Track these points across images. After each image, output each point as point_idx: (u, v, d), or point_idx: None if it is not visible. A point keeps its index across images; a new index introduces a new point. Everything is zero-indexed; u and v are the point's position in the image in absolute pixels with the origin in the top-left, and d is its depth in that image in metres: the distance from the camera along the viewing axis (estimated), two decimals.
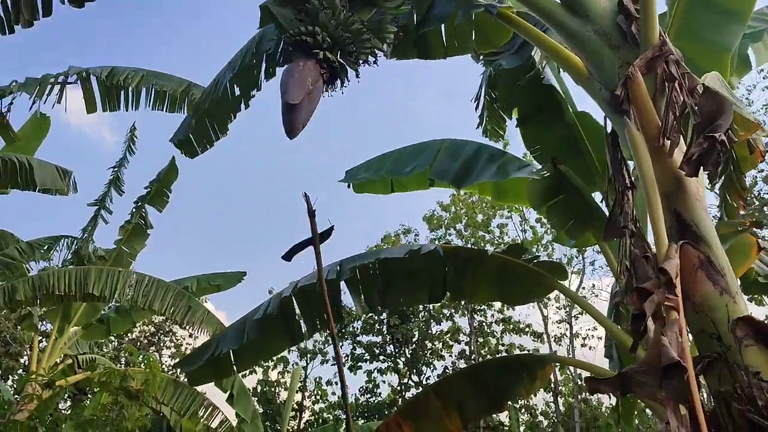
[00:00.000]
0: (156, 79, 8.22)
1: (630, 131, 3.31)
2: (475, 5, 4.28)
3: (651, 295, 2.88)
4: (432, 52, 5.00)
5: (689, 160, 3.09)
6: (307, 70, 2.91)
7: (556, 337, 26.58)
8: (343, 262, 6.41)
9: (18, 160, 9.05)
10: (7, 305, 10.02)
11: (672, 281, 2.87)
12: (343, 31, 3.06)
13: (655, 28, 3.47)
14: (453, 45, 4.99)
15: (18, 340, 22.87)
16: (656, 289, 2.90)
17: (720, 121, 2.98)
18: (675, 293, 2.85)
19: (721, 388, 2.85)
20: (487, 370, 6.08)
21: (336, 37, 3.05)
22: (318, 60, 2.96)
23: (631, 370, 2.82)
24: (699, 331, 3.01)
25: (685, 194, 3.21)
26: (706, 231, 3.12)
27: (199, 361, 6.82)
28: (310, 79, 2.88)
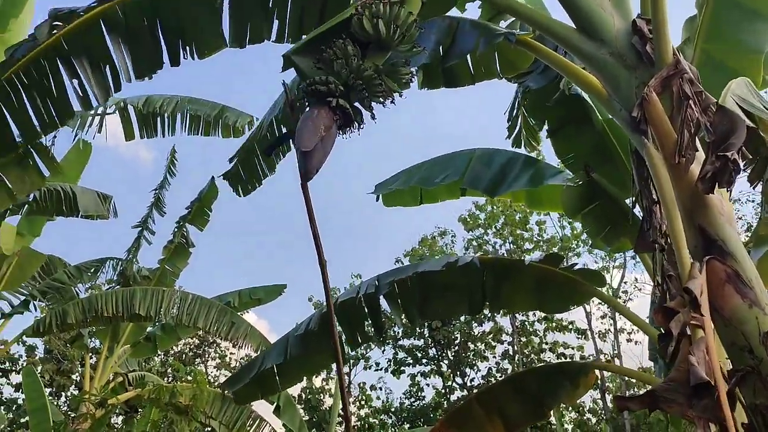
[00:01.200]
0: (190, 104, 8.45)
1: (648, 151, 3.33)
2: (495, 35, 4.33)
3: (677, 314, 2.90)
4: (459, 80, 5.12)
5: (704, 178, 3.10)
6: (320, 117, 3.02)
7: (601, 333, 26.29)
8: (380, 276, 6.50)
9: (62, 189, 9.38)
10: (59, 328, 10.37)
11: (697, 300, 2.88)
12: (356, 79, 3.17)
13: (669, 48, 3.48)
14: (480, 72, 5.10)
15: (69, 357, 23.56)
16: (681, 308, 2.92)
17: (733, 140, 2.97)
18: (700, 312, 2.86)
19: (756, 401, 2.85)
20: (530, 378, 6.10)
21: (349, 84, 3.17)
22: (331, 107, 3.07)
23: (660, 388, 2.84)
24: (731, 344, 3.01)
25: (708, 209, 3.20)
26: (732, 244, 3.11)
27: (244, 379, 6.98)
28: (323, 126, 3.00)
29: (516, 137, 7.11)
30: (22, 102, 4.65)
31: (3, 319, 11.68)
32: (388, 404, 28.04)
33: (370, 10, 3.38)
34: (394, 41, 3.39)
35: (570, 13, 3.94)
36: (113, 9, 4.34)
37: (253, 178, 5.73)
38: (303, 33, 4.45)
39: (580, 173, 5.71)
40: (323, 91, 3.10)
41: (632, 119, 3.42)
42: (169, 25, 4.43)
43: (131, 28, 4.43)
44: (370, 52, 3.39)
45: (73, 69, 4.52)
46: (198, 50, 4.53)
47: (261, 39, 4.49)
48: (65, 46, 4.44)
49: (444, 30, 4.82)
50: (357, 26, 3.38)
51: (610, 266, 25.62)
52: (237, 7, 4.35)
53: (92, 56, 4.51)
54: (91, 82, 4.55)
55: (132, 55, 4.53)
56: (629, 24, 3.76)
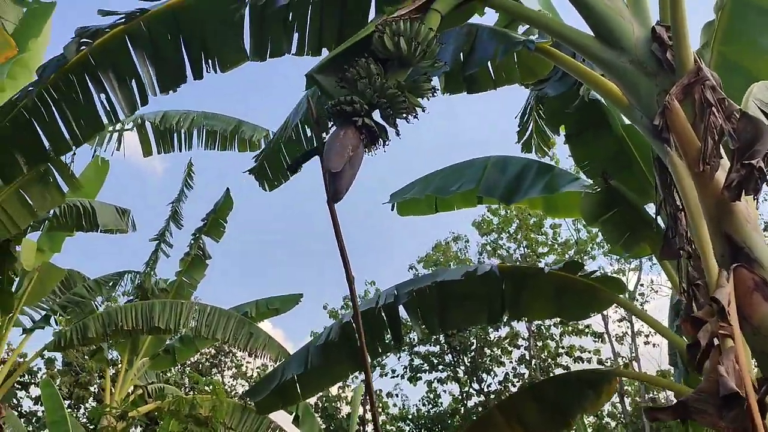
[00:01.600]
0: (206, 119, 8.54)
1: (672, 159, 3.32)
2: (514, 43, 4.34)
3: (705, 323, 2.89)
4: (481, 86, 5.11)
5: (730, 187, 3.08)
6: (347, 137, 3.06)
7: (618, 336, 26.10)
8: (399, 286, 6.51)
9: (81, 204, 9.49)
10: (80, 342, 10.48)
11: (725, 309, 2.87)
12: (379, 97, 3.21)
13: (690, 54, 3.45)
14: (501, 77, 5.09)
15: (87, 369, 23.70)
16: (709, 318, 2.91)
17: (758, 147, 2.96)
18: (728, 321, 2.85)
19: None
20: (552, 387, 6.09)
21: (373, 103, 3.21)
22: (357, 126, 3.10)
23: (690, 399, 2.83)
24: (760, 353, 2.98)
25: (734, 216, 3.18)
26: (759, 252, 3.09)
27: (266, 390, 7.00)
28: (350, 146, 3.04)
29: (526, 142, 7.12)
30: (52, 116, 4.79)
31: (24, 334, 11.81)
32: (405, 411, 27.99)
33: (390, 27, 3.42)
34: (415, 58, 3.42)
35: (589, 21, 3.93)
36: (138, 25, 4.46)
37: (279, 173, 5.83)
38: (322, 45, 4.51)
39: (599, 180, 5.70)
40: (349, 111, 3.14)
41: (654, 127, 3.41)
42: (192, 39, 4.52)
43: (155, 44, 4.54)
44: (392, 69, 3.42)
45: (100, 84, 4.66)
46: (220, 64, 4.62)
47: (281, 52, 4.55)
48: (92, 62, 4.58)
49: (463, 37, 4.84)
50: (378, 44, 3.42)
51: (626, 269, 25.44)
52: (257, 22, 4.41)
53: (119, 71, 4.64)
54: (118, 96, 4.69)
55: (157, 69, 4.65)
56: (648, 31, 3.74)
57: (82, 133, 4.94)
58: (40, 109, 4.75)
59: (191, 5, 4.37)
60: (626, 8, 3.90)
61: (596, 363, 25.88)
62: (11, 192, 7.70)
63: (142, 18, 4.44)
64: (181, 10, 4.40)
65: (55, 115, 4.77)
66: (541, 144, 6.77)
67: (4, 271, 9.38)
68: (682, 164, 3.34)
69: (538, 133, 6.70)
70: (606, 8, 3.83)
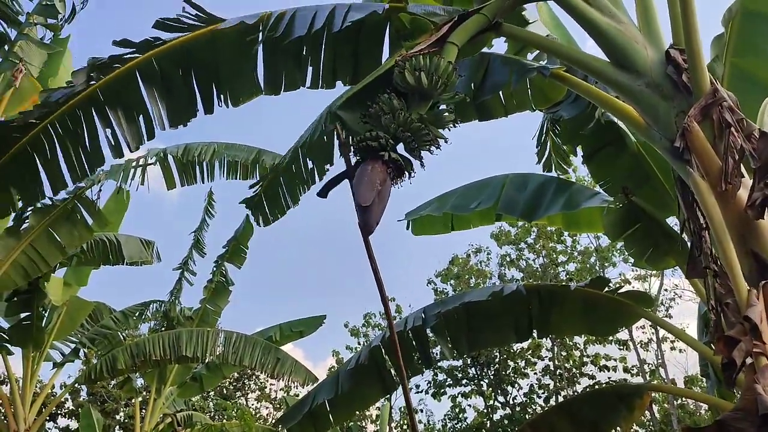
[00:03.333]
0: (227, 150, 8.71)
1: (694, 180, 3.36)
2: (527, 70, 4.41)
3: (738, 343, 2.92)
4: (492, 113, 5.15)
5: (753, 205, 3.13)
6: (375, 173, 3.13)
7: (642, 342, 25.86)
8: (426, 308, 6.57)
9: (107, 238, 9.67)
10: (110, 374, 10.61)
11: (758, 327, 2.91)
12: (404, 132, 3.30)
13: (706, 76, 3.50)
14: (512, 104, 5.13)
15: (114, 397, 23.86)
16: (743, 337, 2.94)
17: None
18: (762, 339, 2.88)
19: None
20: (584, 403, 6.09)
21: (398, 138, 3.30)
22: (384, 161, 3.19)
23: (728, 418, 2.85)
24: None
25: (759, 234, 3.21)
26: None
27: (297, 416, 7.06)
28: (379, 181, 3.12)
29: (546, 162, 7.17)
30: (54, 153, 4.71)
31: (55, 368, 11.98)
32: (430, 427, 27.84)
33: (410, 62, 3.52)
34: (436, 91, 3.52)
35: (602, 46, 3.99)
36: (149, 60, 4.43)
37: (276, 209, 5.60)
38: (337, 78, 4.51)
39: (619, 196, 5.74)
40: (375, 146, 3.22)
41: (675, 149, 3.45)
42: (204, 74, 4.48)
43: (166, 79, 4.50)
44: (414, 102, 3.51)
45: (107, 119, 4.59)
46: (232, 98, 4.59)
47: (296, 86, 4.53)
48: (101, 97, 4.52)
49: (475, 66, 4.92)
50: (399, 79, 3.51)
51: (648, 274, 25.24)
52: (271, 56, 4.41)
53: (127, 107, 4.57)
54: (124, 131, 4.61)
55: (167, 104, 4.59)
56: (662, 54, 3.79)
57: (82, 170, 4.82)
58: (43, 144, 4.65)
59: (203, 41, 4.35)
60: (639, 32, 3.96)
61: (622, 371, 25.65)
62: (41, 231, 7.91)
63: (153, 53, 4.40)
64: (193, 45, 4.37)
65: (57, 152, 4.68)
66: (561, 162, 6.82)
67: (34, 307, 9.58)
68: (704, 184, 3.38)
69: (556, 151, 6.75)
70: (619, 33, 3.89)
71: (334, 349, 28.61)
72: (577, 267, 25.78)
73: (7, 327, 10.06)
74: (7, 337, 10.08)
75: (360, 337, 27.84)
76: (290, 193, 5.48)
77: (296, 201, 5.49)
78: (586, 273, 24.98)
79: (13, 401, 10.40)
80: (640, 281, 24.85)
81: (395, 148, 3.32)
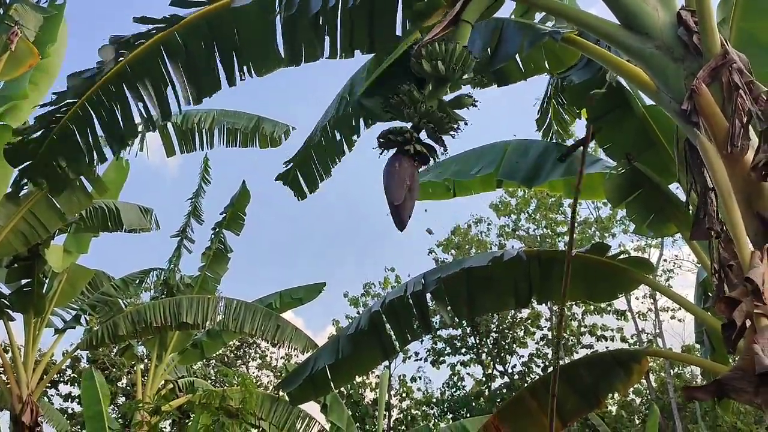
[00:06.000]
0: (226, 118, 8.64)
1: (701, 142, 3.33)
2: (540, 35, 4.36)
3: (739, 304, 2.93)
4: (510, 78, 5.16)
5: (757, 167, 3.11)
6: (403, 169, 3.25)
7: (641, 313, 26.03)
8: (426, 274, 6.57)
9: (106, 206, 9.65)
10: (112, 340, 10.70)
11: (759, 289, 2.90)
12: (427, 123, 3.38)
13: (716, 38, 3.46)
14: (530, 68, 5.15)
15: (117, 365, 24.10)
16: (744, 298, 2.94)
17: None
18: (763, 300, 2.88)
19: None
20: (583, 369, 6.13)
21: (421, 129, 3.40)
22: (410, 155, 3.29)
23: (727, 377, 2.87)
24: None
25: (766, 196, 3.21)
26: None
27: (298, 380, 7.11)
28: (408, 176, 3.24)
29: (546, 129, 7.11)
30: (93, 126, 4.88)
31: (57, 335, 12.06)
32: (429, 395, 28.17)
33: (426, 50, 3.55)
34: (454, 76, 3.57)
35: (613, 9, 3.94)
36: (172, 35, 4.53)
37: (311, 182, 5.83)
38: (354, 47, 4.56)
39: (622, 162, 5.71)
40: (400, 141, 3.32)
41: (683, 111, 3.42)
42: (226, 47, 4.57)
43: (189, 53, 4.61)
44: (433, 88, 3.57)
45: (138, 93, 4.76)
46: (256, 70, 4.68)
47: (316, 57, 4.60)
48: (129, 72, 4.66)
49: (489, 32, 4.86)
50: (417, 68, 3.58)
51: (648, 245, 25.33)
52: (290, 30, 4.47)
53: (155, 81, 4.72)
54: (155, 104, 4.78)
55: (191, 78, 4.71)
56: (674, 16, 3.75)
57: (120, 142, 5.04)
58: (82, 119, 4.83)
59: (224, 15, 4.42)
60: None
61: (620, 341, 25.88)
62: (40, 197, 7.88)
63: (175, 28, 4.49)
64: (214, 19, 4.46)
65: (95, 125, 4.86)
66: (560, 130, 6.78)
67: (35, 274, 9.60)
68: (711, 147, 3.36)
69: (557, 119, 6.70)
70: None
71: (334, 319, 28.81)
72: (577, 237, 25.83)
73: (8, 293, 10.10)
74: (8, 303, 10.13)
75: (359, 306, 28.02)
76: (322, 165, 5.69)
77: (328, 172, 5.72)
78: (585, 243, 25.04)
79: (15, 367, 10.48)
80: (640, 252, 24.92)
81: (419, 139, 3.42)
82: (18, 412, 9.95)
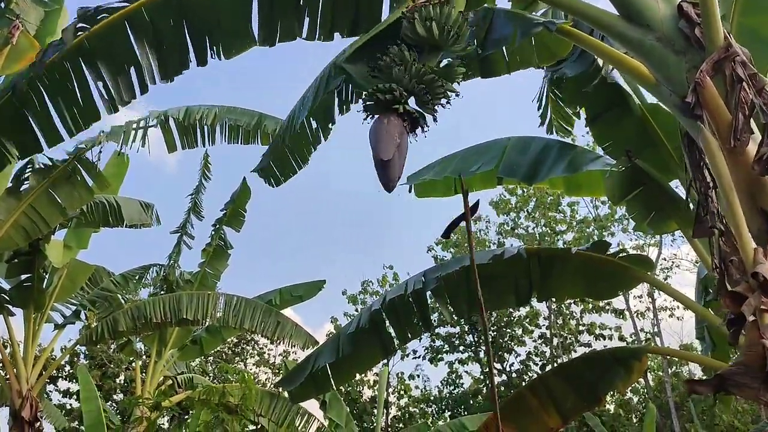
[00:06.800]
0: (228, 114, 8.64)
1: (704, 136, 3.31)
2: (533, 25, 4.32)
3: (746, 299, 2.93)
4: (494, 70, 5.03)
5: (759, 161, 3.11)
6: (392, 126, 3.07)
7: (639, 312, 26.06)
8: (427, 272, 6.58)
9: (107, 201, 9.65)
10: (111, 336, 10.69)
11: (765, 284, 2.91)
12: (417, 83, 3.22)
13: (719, 30, 3.44)
14: (515, 61, 5.03)
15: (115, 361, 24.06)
16: (750, 293, 2.94)
17: None
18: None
19: None
20: (583, 366, 6.15)
21: (411, 90, 3.22)
22: (399, 114, 3.12)
23: (730, 372, 2.87)
24: None
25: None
26: None
27: (299, 378, 7.12)
28: (397, 133, 3.06)
29: (549, 125, 7.10)
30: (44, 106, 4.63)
31: (56, 330, 12.06)
32: (427, 393, 28.18)
33: (420, 12, 3.43)
34: (448, 42, 3.44)
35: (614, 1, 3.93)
36: (138, 10, 4.33)
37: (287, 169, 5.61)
38: (335, 30, 4.41)
39: (622, 159, 5.70)
40: (389, 99, 3.15)
41: (685, 105, 3.40)
42: (196, 24, 4.37)
43: (157, 29, 4.39)
44: (425, 54, 3.44)
45: (98, 72, 4.51)
46: (225, 50, 4.48)
47: (293, 36, 4.41)
48: (89, 48, 4.42)
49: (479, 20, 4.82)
50: (409, 30, 3.43)
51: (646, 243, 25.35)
52: (267, 4, 4.29)
53: (117, 58, 4.48)
54: (117, 84, 4.54)
55: (158, 56, 4.49)
56: (674, 9, 3.72)
57: (76, 124, 4.77)
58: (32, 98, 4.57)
59: None
60: None
61: (618, 340, 25.90)
62: (41, 191, 7.88)
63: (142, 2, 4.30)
64: None
65: (47, 105, 4.60)
66: (562, 124, 6.76)
67: (35, 269, 9.60)
68: (714, 141, 3.34)
69: (557, 114, 6.69)
70: None
71: (333, 316, 28.79)
72: (575, 236, 25.86)
73: (8, 288, 10.10)
74: (8, 298, 10.13)
75: (358, 304, 28.00)
76: (298, 154, 5.50)
77: (305, 161, 5.52)
78: (584, 242, 25.06)
79: (15, 362, 10.48)
80: (638, 251, 24.92)
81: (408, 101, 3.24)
82: (18, 408, 9.95)
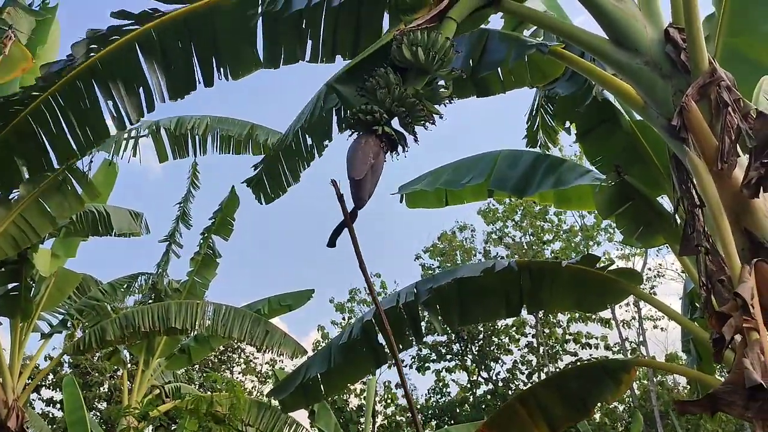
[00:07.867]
0: (220, 124, 8.67)
1: (690, 158, 3.41)
2: (527, 47, 4.41)
3: (729, 318, 3.00)
4: (490, 89, 5.16)
5: (748, 184, 3.20)
6: (368, 146, 3.18)
7: (624, 321, 26.26)
8: (418, 284, 6.63)
9: (96, 210, 9.61)
10: (99, 345, 10.63)
11: (748, 303, 2.98)
12: (398, 106, 3.32)
13: (704, 55, 3.54)
14: (510, 81, 5.16)
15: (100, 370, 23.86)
16: (734, 312, 3.02)
17: None
18: (752, 315, 2.96)
19: None
20: (571, 379, 6.22)
21: (392, 112, 3.32)
22: (377, 135, 3.23)
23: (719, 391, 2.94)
24: None
25: (753, 213, 3.30)
26: None
27: (290, 388, 7.13)
28: (372, 154, 3.16)
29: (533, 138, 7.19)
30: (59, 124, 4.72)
31: (43, 339, 11.97)
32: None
33: (408, 37, 3.52)
34: (433, 66, 3.53)
35: (601, 23, 4.02)
36: (148, 32, 4.42)
37: (277, 186, 5.62)
38: (336, 53, 4.51)
39: (612, 174, 5.81)
40: (369, 120, 3.26)
41: (671, 127, 3.50)
42: (204, 47, 4.48)
43: (165, 51, 4.50)
44: (410, 77, 3.52)
45: (108, 91, 4.60)
46: (232, 71, 4.59)
47: (295, 59, 4.53)
48: (100, 69, 4.52)
49: (474, 42, 4.92)
50: (396, 54, 3.52)
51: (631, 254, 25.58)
52: (271, 29, 4.39)
53: (127, 79, 4.58)
54: (125, 104, 4.64)
55: (166, 77, 4.60)
56: (661, 33, 3.83)
57: (88, 141, 4.87)
58: (45, 116, 4.66)
59: (203, 13, 4.34)
60: (638, 10, 3.99)
61: (603, 349, 26.09)
62: (31, 201, 7.85)
63: (152, 25, 4.39)
64: (192, 17, 4.37)
65: (61, 123, 4.70)
66: (547, 140, 6.89)
67: (23, 278, 9.54)
68: (700, 163, 3.44)
69: (544, 129, 6.80)
70: (618, 11, 3.92)
71: (320, 324, 28.75)
72: (562, 246, 26.06)
73: None
74: None
75: (345, 312, 27.99)
76: (291, 170, 5.50)
77: (297, 178, 5.52)
78: (571, 251, 25.26)
79: (1, 371, 10.38)
80: (624, 260, 25.16)
81: (389, 123, 3.35)
82: (4, 418, 9.85)
